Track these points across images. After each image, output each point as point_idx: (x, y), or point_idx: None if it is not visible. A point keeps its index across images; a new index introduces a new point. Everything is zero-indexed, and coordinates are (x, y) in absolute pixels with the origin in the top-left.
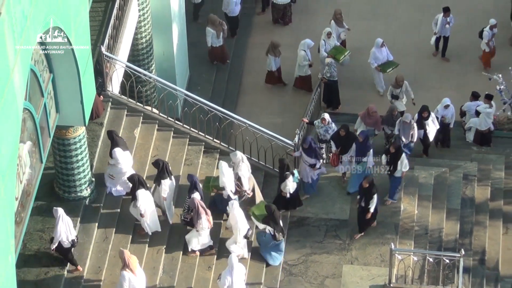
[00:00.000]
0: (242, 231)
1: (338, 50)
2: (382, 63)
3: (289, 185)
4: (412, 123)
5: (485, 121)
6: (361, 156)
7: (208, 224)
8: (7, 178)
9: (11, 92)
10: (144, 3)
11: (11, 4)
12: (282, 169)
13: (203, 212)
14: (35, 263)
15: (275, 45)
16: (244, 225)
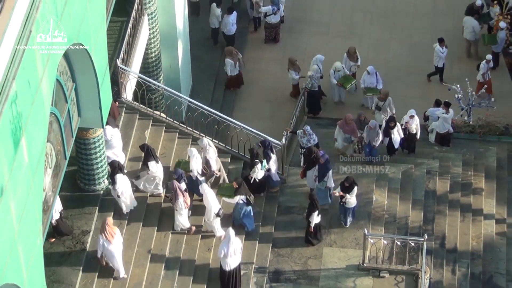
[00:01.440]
0: (214, 209)
1: (346, 78)
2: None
3: (257, 172)
4: (377, 129)
5: (443, 125)
6: (322, 176)
7: (185, 205)
8: (36, 172)
9: (40, 99)
10: (154, 23)
11: (40, 24)
12: (252, 158)
13: (180, 194)
14: (60, 245)
15: (292, 61)
16: (216, 204)
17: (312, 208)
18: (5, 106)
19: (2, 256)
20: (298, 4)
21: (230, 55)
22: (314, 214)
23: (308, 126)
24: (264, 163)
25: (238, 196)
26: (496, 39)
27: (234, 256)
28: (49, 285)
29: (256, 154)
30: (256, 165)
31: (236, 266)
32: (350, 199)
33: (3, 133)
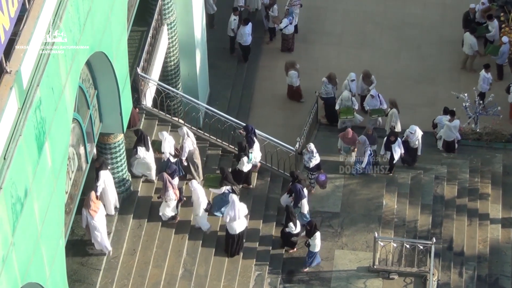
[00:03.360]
0: (203, 205)
1: (347, 110)
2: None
3: (244, 163)
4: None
5: (448, 133)
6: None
7: (174, 196)
8: (59, 175)
9: (63, 105)
10: (173, 33)
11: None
12: (240, 151)
13: (170, 186)
14: (81, 246)
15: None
16: (205, 200)
17: (288, 219)
18: (29, 112)
19: (26, 256)
20: (312, 16)
21: (293, 67)
22: (290, 224)
23: (312, 144)
24: (251, 157)
25: (224, 186)
26: (497, 51)
27: (239, 220)
28: (71, 284)
29: (244, 148)
30: (242, 158)
31: (242, 230)
32: (312, 242)
33: (27, 137)
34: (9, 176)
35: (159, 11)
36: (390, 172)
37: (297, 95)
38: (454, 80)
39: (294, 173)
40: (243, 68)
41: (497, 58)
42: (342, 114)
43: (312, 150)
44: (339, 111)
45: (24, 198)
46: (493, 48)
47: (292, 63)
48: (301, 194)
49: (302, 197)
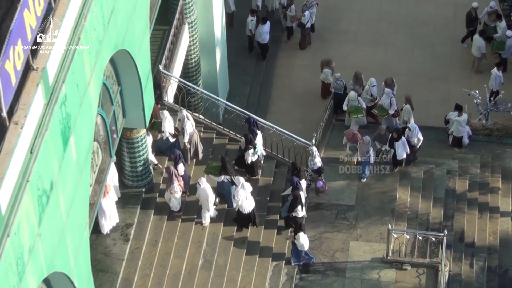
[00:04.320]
0: (211, 200)
1: (356, 109)
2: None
3: (250, 154)
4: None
5: (458, 129)
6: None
7: (179, 188)
8: (83, 169)
9: (88, 101)
10: (194, 32)
11: (88, 32)
12: (246, 143)
13: (175, 179)
14: (105, 237)
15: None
16: (212, 196)
17: (294, 203)
18: (55, 108)
19: (52, 246)
20: (328, 15)
21: (328, 65)
22: (297, 208)
23: (315, 148)
24: (257, 148)
25: (223, 176)
26: (504, 45)
27: (247, 201)
28: (95, 274)
29: (250, 140)
30: (249, 150)
31: (252, 208)
32: (297, 242)
33: (53, 132)
34: (36, 169)
35: (181, 11)
36: (394, 168)
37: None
38: (465, 78)
39: (295, 164)
40: (262, 65)
41: (504, 53)
42: (352, 113)
43: (313, 153)
44: (348, 111)
45: (50, 191)
46: (499, 44)
47: (327, 61)
48: (297, 186)
49: (298, 189)
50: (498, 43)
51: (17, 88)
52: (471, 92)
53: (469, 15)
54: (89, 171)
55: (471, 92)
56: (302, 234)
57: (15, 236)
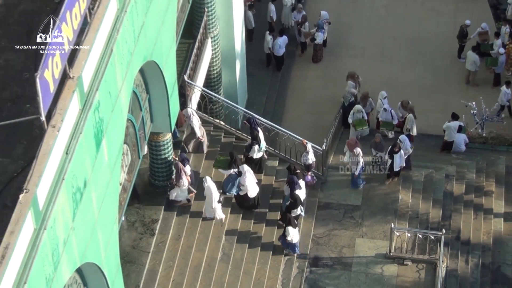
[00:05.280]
0: (215, 198)
1: (361, 122)
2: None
3: (255, 151)
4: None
5: (449, 133)
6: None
7: (187, 181)
8: (114, 169)
9: (119, 107)
10: (216, 45)
11: (120, 44)
12: (252, 140)
13: (183, 173)
14: (133, 231)
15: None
16: (217, 194)
17: (294, 205)
18: (89, 113)
19: (84, 239)
20: (339, 31)
21: (352, 78)
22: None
23: (310, 145)
24: (262, 145)
25: (232, 169)
26: (497, 62)
27: (253, 185)
28: (123, 265)
29: (256, 137)
30: (254, 146)
31: (257, 192)
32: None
33: (87, 135)
34: (71, 168)
35: (204, 26)
36: (389, 180)
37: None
38: (463, 90)
39: (290, 166)
40: (277, 77)
41: (497, 68)
42: (358, 126)
43: (308, 149)
44: (353, 124)
45: (83, 188)
46: (492, 60)
47: (352, 74)
48: (296, 184)
49: (297, 187)
50: (492, 59)
51: (55, 94)
52: (468, 103)
53: (461, 31)
54: (119, 171)
55: (468, 103)
56: (291, 228)
57: (51, 229)
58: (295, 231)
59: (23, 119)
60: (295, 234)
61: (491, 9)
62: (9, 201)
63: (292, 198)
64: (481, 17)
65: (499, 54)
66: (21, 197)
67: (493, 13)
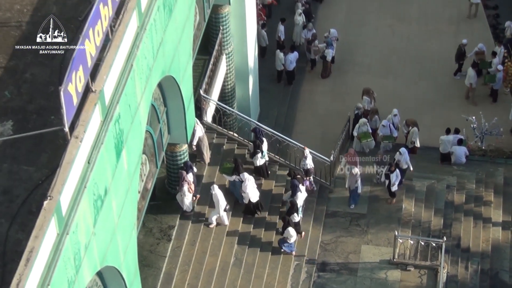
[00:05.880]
0: (222, 206)
1: (365, 134)
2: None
3: (258, 158)
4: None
5: (443, 146)
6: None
7: (189, 191)
8: (133, 178)
9: (138, 119)
10: (230, 61)
11: (139, 60)
12: (254, 148)
13: (185, 182)
14: (150, 237)
15: (367, 91)
16: (224, 202)
17: (291, 210)
18: (110, 124)
19: (104, 244)
20: (346, 49)
21: (367, 94)
22: (294, 215)
23: (308, 151)
24: (264, 153)
25: (235, 175)
26: (494, 78)
27: (253, 192)
28: (141, 268)
29: (258, 146)
30: (257, 154)
31: (258, 197)
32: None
33: (108, 145)
34: (92, 177)
35: (219, 43)
36: (389, 200)
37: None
38: (464, 105)
39: (291, 171)
40: (288, 91)
41: (495, 85)
42: (362, 138)
43: (306, 155)
44: (359, 137)
45: (104, 195)
46: (490, 77)
47: (367, 90)
48: (297, 188)
49: (297, 191)
50: (490, 76)
51: (78, 107)
52: (468, 118)
53: (459, 50)
54: (138, 180)
55: (468, 118)
56: (290, 228)
57: (73, 234)
58: (293, 231)
59: (48, 130)
60: (294, 235)
61: (491, 29)
62: (34, 207)
63: (290, 203)
64: (481, 36)
65: (497, 71)
66: (45, 203)
67: (493, 33)
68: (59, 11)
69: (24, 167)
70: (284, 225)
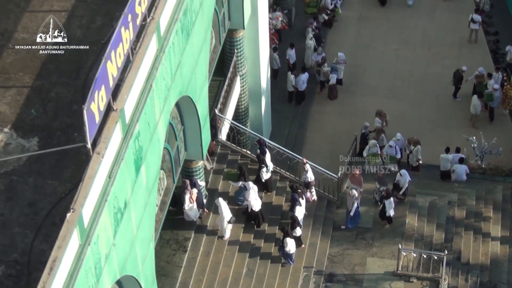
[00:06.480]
0: (226, 218)
1: (374, 155)
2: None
3: (264, 173)
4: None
5: (443, 164)
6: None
7: (190, 200)
8: (152, 192)
9: (156, 137)
10: (244, 83)
11: (158, 81)
12: (259, 163)
13: (187, 192)
14: (167, 248)
15: (380, 113)
16: (228, 214)
17: (293, 225)
18: (130, 141)
19: (124, 254)
20: (354, 72)
21: (379, 116)
22: (296, 228)
23: (308, 165)
24: (269, 167)
25: (240, 182)
26: (492, 97)
27: (256, 201)
28: (158, 278)
29: (262, 160)
30: (262, 169)
31: (260, 207)
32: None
33: (128, 161)
34: (113, 191)
35: (234, 65)
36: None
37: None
38: (465, 126)
39: (293, 186)
40: (298, 112)
41: (492, 103)
42: (371, 159)
43: (307, 168)
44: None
45: (124, 208)
46: (488, 96)
47: (379, 112)
48: (296, 202)
49: (296, 204)
50: (488, 96)
51: (100, 124)
52: (469, 138)
53: (458, 75)
54: (156, 194)
55: (469, 138)
56: (289, 239)
57: (94, 245)
58: (292, 242)
59: (71, 146)
60: (292, 245)
61: (491, 54)
62: (58, 219)
63: (291, 219)
64: (481, 61)
65: (494, 90)
66: (68, 215)
67: (493, 57)
68: (83, 34)
69: (49, 181)
70: (283, 236)
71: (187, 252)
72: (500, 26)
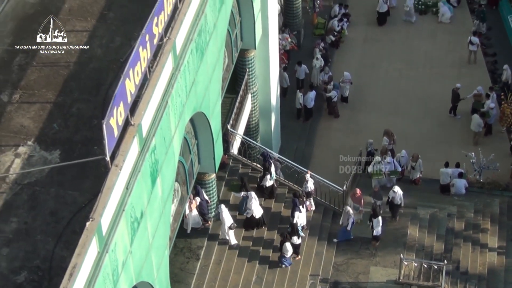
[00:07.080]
0: (227, 224)
1: (378, 172)
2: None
3: (267, 180)
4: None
5: (442, 178)
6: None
7: (190, 208)
8: (167, 203)
9: (171, 150)
10: (255, 100)
11: (174, 97)
12: (264, 170)
13: (188, 200)
14: (181, 256)
15: (388, 132)
16: (229, 220)
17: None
18: (146, 155)
19: (140, 261)
20: (358, 90)
21: (387, 135)
22: (294, 237)
23: (309, 175)
24: (273, 175)
25: (243, 192)
26: (489, 114)
27: (258, 209)
28: (172, 284)
29: (267, 168)
30: (266, 176)
31: (261, 214)
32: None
33: (144, 173)
34: (130, 201)
35: (245, 83)
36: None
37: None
38: (464, 142)
39: (296, 192)
40: (306, 128)
41: (489, 120)
42: (374, 175)
43: (307, 179)
44: (372, 174)
45: (140, 218)
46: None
47: (387, 131)
48: (296, 208)
49: (296, 210)
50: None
51: (118, 138)
52: (468, 153)
53: (454, 93)
54: (170, 204)
55: (468, 153)
56: (287, 243)
57: (112, 252)
58: (289, 246)
59: (91, 158)
60: (289, 249)
61: (489, 74)
62: (78, 228)
63: (290, 226)
64: (480, 80)
65: (490, 109)
66: (88, 224)
67: (491, 77)
68: (103, 53)
69: (70, 191)
70: (282, 240)
71: (200, 260)
72: (498, 47)
